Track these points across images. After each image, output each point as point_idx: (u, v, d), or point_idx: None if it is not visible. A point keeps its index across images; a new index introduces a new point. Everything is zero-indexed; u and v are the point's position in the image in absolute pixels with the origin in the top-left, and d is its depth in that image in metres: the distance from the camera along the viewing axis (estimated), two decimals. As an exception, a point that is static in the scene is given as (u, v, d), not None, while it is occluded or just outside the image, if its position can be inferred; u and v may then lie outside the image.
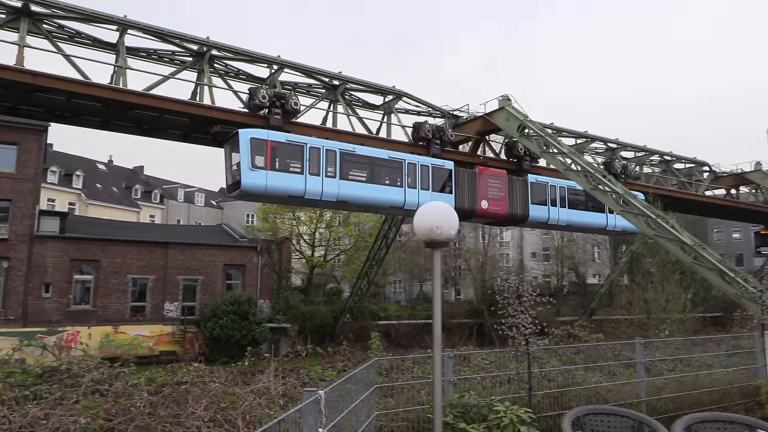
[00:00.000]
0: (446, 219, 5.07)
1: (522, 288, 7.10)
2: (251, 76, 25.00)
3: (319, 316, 37.05)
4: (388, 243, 36.52)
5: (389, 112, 28.05)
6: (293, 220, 43.86)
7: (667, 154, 37.39)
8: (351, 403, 5.49)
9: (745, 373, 10.07)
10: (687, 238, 21.71)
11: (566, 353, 9.00)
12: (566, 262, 53.27)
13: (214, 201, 69.52)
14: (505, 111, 26.91)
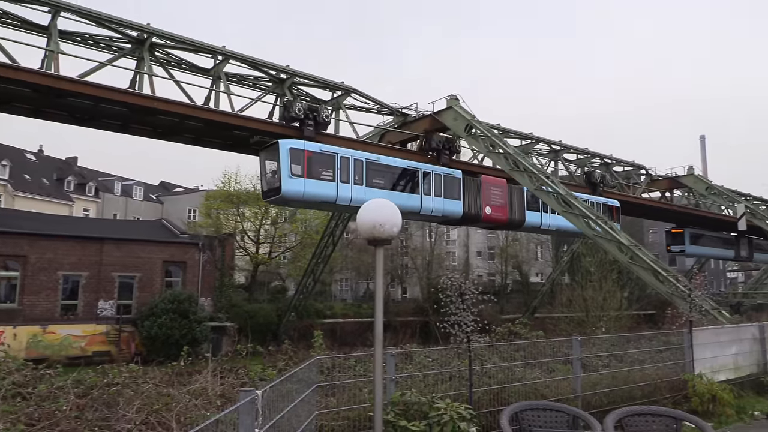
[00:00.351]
0: (389, 217, 5.09)
1: (464, 286, 7.20)
2: (194, 66, 24.34)
3: (262, 314, 36.51)
4: (335, 240, 36.37)
5: (338, 108, 27.93)
6: (237, 216, 43.02)
7: (607, 157, 38.89)
8: (291, 402, 5.44)
9: (673, 368, 10.62)
10: (624, 239, 22.70)
11: (507, 350, 9.23)
12: (510, 261, 54.62)
13: (153, 195, 67.25)
14: (453, 110, 27.32)
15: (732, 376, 11.68)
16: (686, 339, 10.85)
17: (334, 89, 27.69)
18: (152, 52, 22.58)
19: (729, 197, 40.59)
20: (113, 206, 60.92)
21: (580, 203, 23.91)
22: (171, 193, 68.71)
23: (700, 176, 42.37)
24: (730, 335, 12.31)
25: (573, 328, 23.06)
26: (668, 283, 19.87)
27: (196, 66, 24.34)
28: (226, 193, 42.48)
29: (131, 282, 32.65)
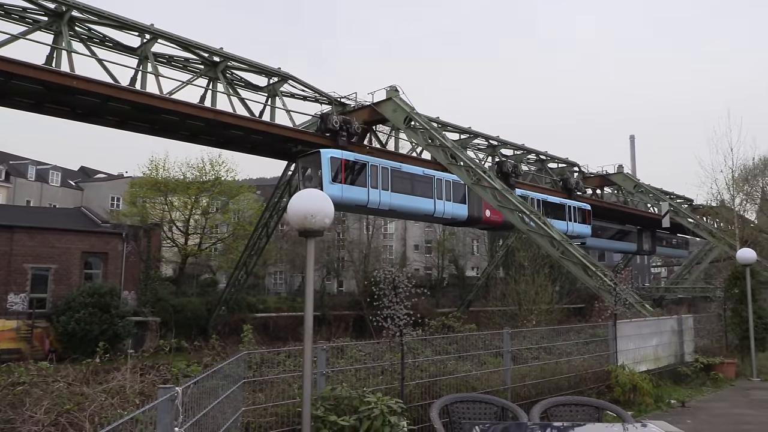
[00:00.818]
0: (321, 207, 5.06)
1: (398, 279, 7.27)
2: (119, 44, 23.26)
3: (191, 308, 35.52)
4: (269, 232, 35.83)
5: (274, 95, 27.48)
6: (165, 205, 41.52)
7: (542, 154, 40.31)
8: (216, 399, 5.32)
9: (599, 359, 11.16)
10: (556, 234, 23.61)
11: (440, 344, 9.40)
12: (447, 255, 55.63)
13: (72, 181, 63.79)
14: (392, 102, 27.45)
15: (652, 366, 12.42)
16: (611, 331, 11.42)
17: (271, 75, 27.22)
18: (72, 26, 21.38)
19: (655, 195, 43.04)
20: (26, 192, 57.33)
21: (516, 198, 24.65)
22: (92, 180, 65.36)
23: (628, 174, 44.68)
24: (651, 328, 13.07)
25: (506, 322, 23.74)
26: (596, 277, 20.85)
27: (121, 44, 23.27)
28: (152, 181, 40.86)
29: (46, 274, 30.91)
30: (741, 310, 14.96)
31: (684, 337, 14.05)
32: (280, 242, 49.86)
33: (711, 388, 12.80)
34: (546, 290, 26.41)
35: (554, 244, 23.31)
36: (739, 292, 15.17)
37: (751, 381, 13.71)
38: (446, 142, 26.20)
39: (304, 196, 5.15)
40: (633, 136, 78.33)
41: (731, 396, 12.07)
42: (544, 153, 40.38)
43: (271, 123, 26.57)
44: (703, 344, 14.96)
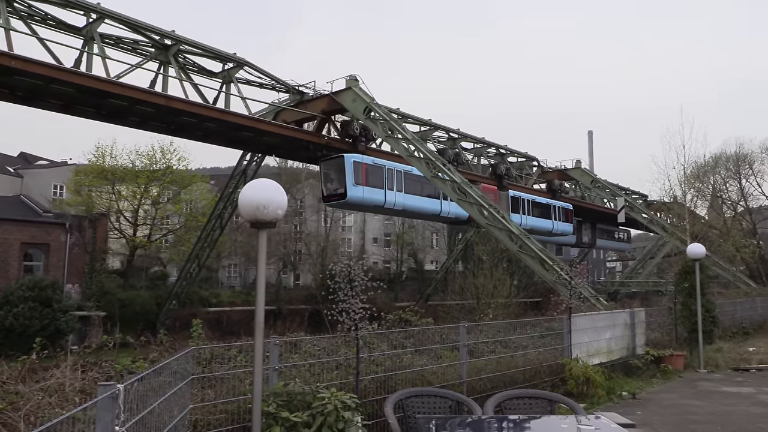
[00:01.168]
0: (274, 198, 4.99)
1: (354, 272, 7.25)
2: (63, 23, 22.35)
3: (139, 302, 34.68)
4: (222, 223, 35.29)
5: (229, 82, 26.99)
6: (112, 194, 40.26)
7: (502, 147, 40.88)
8: (162, 396, 5.19)
9: (553, 352, 11.43)
10: (514, 228, 24.03)
11: (397, 338, 9.44)
12: (406, 249, 55.96)
13: (10, 167, 61.07)
14: (351, 92, 27.33)
15: (605, 359, 12.81)
16: (565, 325, 11.71)
17: (226, 61, 26.70)
18: (11, 2, 20.42)
19: (611, 191, 44.30)
20: (-40, 179, 54.64)
21: (475, 192, 24.95)
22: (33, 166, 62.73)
23: (586, 170, 45.76)
24: (605, 321, 13.47)
25: (464, 316, 24.05)
26: (553, 271, 21.35)
27: (65, 23, 22.37)
28: (99, 169, 39.53)
29: (-19, 266, 29.63)
30: (690, 304, 15.57)
31: (636, 330, 14.53)
32: (234, 234, 49.18)
33: (661, 379, 13.30)
34: (504, 284, 26.88)
35: (512, 238, 23.73)
36: (688, 286, 15.79)
37: (699, 372, 14.31)
38: (406, 133, 26.28)
39: (256, 185, 5.06)
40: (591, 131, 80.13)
41: (680, 387, 12.57)
42: (504, 147, 40.98)
43: (226, 110, 26.09)
44: (654, 337, 15.50)
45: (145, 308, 34.74)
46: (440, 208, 32.53)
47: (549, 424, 5.71)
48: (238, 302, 40.21)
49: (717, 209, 42.09)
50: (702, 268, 15.58)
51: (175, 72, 24.65)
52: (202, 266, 36.72)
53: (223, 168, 62.40)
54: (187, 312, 33.60)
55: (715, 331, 16.55)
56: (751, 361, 15.49)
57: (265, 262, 5.64)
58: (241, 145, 30.45)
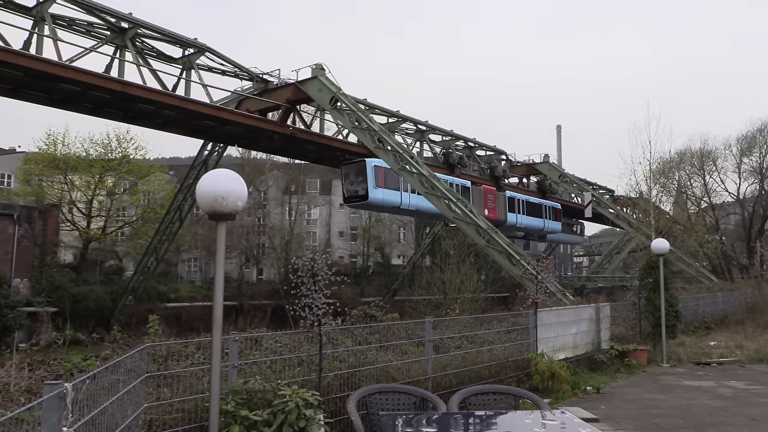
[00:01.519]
0: (233, 189, 4.90)
1: (317, 266, 7.21)
2: (11, 2, 21.56)
3: (93, 298, 33.87)
4: (182, 216, 34.73)
5: (189, 68, 26.50)
6: (64, 184, 39.11)
7: (471, 141, 41.25)
8: (114, 395, 5.08)
9: (519, 347, 11.60)
10: (482, 222, 24.28)
11: (361, 333, 9.43)
12: (373, 243, 56.00)
13: (-46, 155, 58.84)
14: (318, 81, 27.14)
15: (570, 354, 13.07)
16: (532, 320, 11.89)
17: (186, 46, 26.20)
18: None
19: (579, 185, 45.14)
20: None
21: (442, 185, 25.10)
22: None
23: (554, 164, 46.60)
24: (571, 316, 13.73)
25: (431, 311, 24.23)
26: (520, 266, 21.66)
27: (13, 2, 21.59)
28: (50, 157, 38.30)
29: None
30: (654, 299, 15.99)
31: (601, 325, 14.85)
32: (194, 227, 48.47)
33: (625, 374, 13.64)
34: (471, 279, 27.14)
35: (480, 232, 23.98)
36: (652, 281, 16.21)
37: (662, 366, 14.74)
38: (373, 125, 26.25)
39: (215, 176, 4.97)
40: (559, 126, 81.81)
41: (643, 381, 12.92)
42: (473, 140, 41.35)
43: (186, 98, 25.62)
44: (619, 332, 15.88)
45: (99, 304, 33.96)
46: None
47: (513, 419, 5.79)
48: (199, 297, 39.68)
49: (681, 205, 43.35)
50: (666, 263, 16.00)
51: (132, 57, 24.05)
52: (160, 260, 36.09)
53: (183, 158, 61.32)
54: (144, 308, 32.98)
55: (677, 326, 17.03)
56: (712, 355, 16.02)
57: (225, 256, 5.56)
58: (202, 134, 29.96)
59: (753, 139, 44.76)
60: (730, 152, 44.85)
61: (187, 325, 31.62)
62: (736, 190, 44.97)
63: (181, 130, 28.67)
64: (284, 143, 29.85)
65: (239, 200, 4.92)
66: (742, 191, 45.09)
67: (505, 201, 41.20)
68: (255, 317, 31.33)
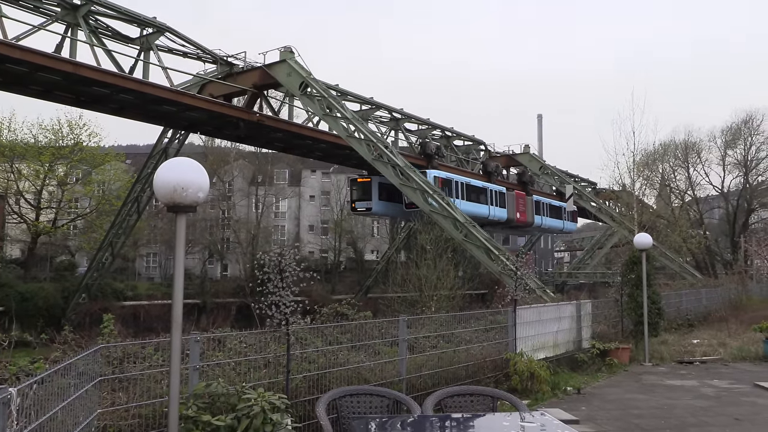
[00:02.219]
0: (194, 179, 4.82)
1: (284, 262, 7.17)
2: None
3: (43, 296, 33.21)
4: (140, 208, 34.22)
5: (147, 49, 26.05)
6: (11, 173, 38.18)
7: (448, 130, 41.43)
8: (65, 400, 4.99)
9: (497, 346, 11.72)
10: (460, 216, 24.43)
11: (332, 333, 9.41)
12: (345, 237, 55.94)
13: None
14: (287, 64, 26.93)
15: (551, 353, 13.25)
16: (510, 317, 12.01)
17: (144, 25, 25.75)
18: None
19: (560, 178, 45.71)
20: None
21: (419, 176, 25.17)
22: None
23: (534, 155, 47.06)
24: (551, 314, 13.91)
25: (406, 309, 24.27)
26: (499, 261, 21.86)
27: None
28: (-6, 144, 37.38)
29: None
30: (636, 296, 16.28)
31: (582, 323, 15.08)
32: (153, 220, 47.84)
33: (606, 373, 13.89)
34: (448, 275, 27.22)
35: (458, 226, 24.12)
36: (635, 277, 16.51)
37: (644, 366, 15.04)
38: (346, 112, 26.17)
39: (174, 165, 4.88)
40: (540, 115, 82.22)
41: (624, 381, 13.18)
42: (450, 129, 41.53)
43: (144, 81, 25.18)
44: (601, 330, 16.15)
45: (50, 302, 33.32)
46: (488, 212, 40.75)
47: (491, 422, 5.84)
48: (158, 295, 39.23)
49: (665, 198, 44.20)
50: (649, 258, 16.30)
51: (85, 36, 23.53)
52: (116, 255, 35.55)
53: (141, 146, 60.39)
54: (99, 306, 32.50)
55: (660, 323, 17.37)
56: (695, 354, 16.41)
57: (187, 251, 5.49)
58: (162, 120, 29.50)
59: (738, 131, 45.79)
60: (714, 144, 45.85)
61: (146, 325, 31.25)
62: (720, 183, 46.03)
63: (138, 115, 28.20)
64: (250, 131, 29.56)
65: (200, 191, 4.84)
66: (726, 184, 46.17)
67: (533, 204, 46.04)
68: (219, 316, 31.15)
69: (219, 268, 53.10)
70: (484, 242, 23.41)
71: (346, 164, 38.52)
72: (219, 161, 50.39)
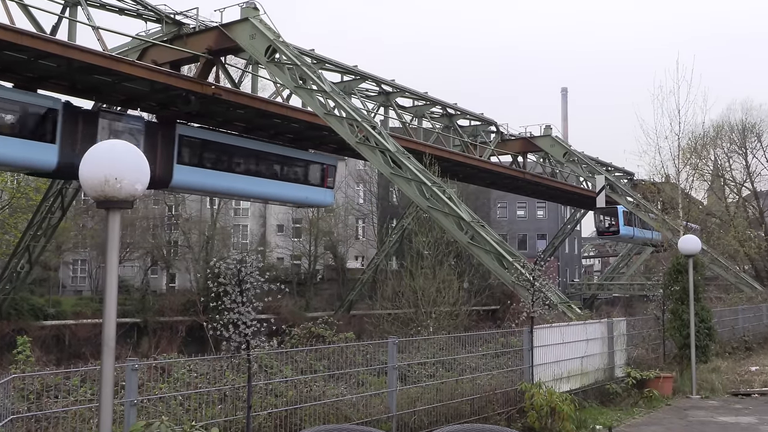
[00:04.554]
0: (131, 166, 4.81)
1: (244, 271, 7.17)
2: None
3: (-59, 313, 33.00)
4: (64, 204, 34.09)
5: (74, 4, 25.94)
6: None
7: (450, 107, 41.50)
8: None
9: (510, 375, 11.78)
10: (465, 213, 24.46)
11: (305, 359, 9.44)
12: (322, 240, 55.90)
13: None
14: (249, 24, 26.83)
15: (576, 384, 13.34)
16: (526, 339, 12.06)
17: (68, -26, 25.57)
18: None
19: (589, 166, 45.83)
20: None
21: (415, 165, 25.18)
22: None
23: (558, 138, 47.04)
24: (577, 335, 13.99)
25: (398, 329, 24.37)
26: (513, 269, 21.92)
27: None
28: None
29: None
30: (681, 312, 16.40)
31: (615, 346, 15.19)
32: (81, 218, 47.62)
33: (644, 408, 13.99)
34: (450, 287, 27.37)
35: (463, 226, 24.17)
36: (680, 290, 16.62)
37: (690, 399, 15.16)
38: (323, 84, 26.13)
39: (105, 149, 4.86)
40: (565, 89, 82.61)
41: (666, 418, 13.28)
42: (453, 106, 41.60)
43: (70, 44, 25.02)
44: (638, 354, 16.26)
45: (-51, 322, 33.12)
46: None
47: (501, 468, 5.86)
48: (87, 313, 39.08)
49: (718, 192, 44.44)
50: (697, 266, 16.43)
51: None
52: (34, 263, 35.41)
53: (67, 126, 59.84)
54: (13, 327, 32.36)
55: (711, 347, 17.52)
56: (753, 384, 16.55)
57: (123, 257, 5.47)
58: (92, 93, 29.30)
59: (810, 109, 45.96)
60: (779, 126, 45.90)
61: (72, 350, 31.16)
62: (787, 173, 46.15)
63: (63, 87, 27.97)
64: (204, 107, 29.43)
65: (138, 182, 4.84)
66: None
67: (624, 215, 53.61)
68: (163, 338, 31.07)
69: (164, 278, 52.87)
70: (495, 246, 23.44)
71: (323, 148, 38.46)
72: (165, 145, 50.22)
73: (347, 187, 59.57)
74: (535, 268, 13.43)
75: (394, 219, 54.24)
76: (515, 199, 69.46)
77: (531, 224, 78.01)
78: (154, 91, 28.30)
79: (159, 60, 27.73)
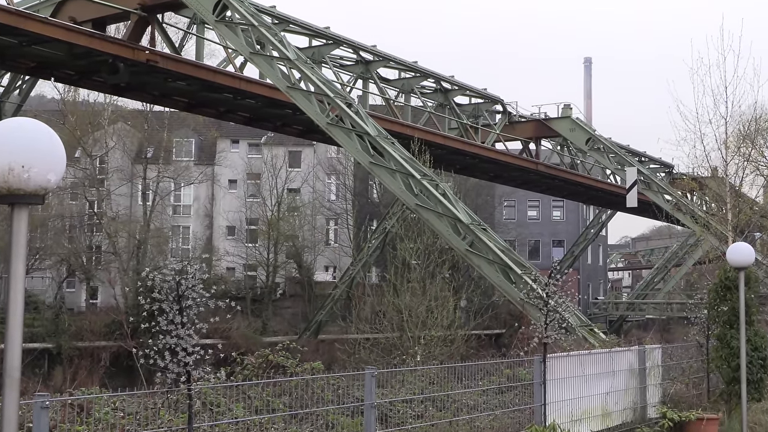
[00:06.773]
0: (41, 151, 4.79)
1: (187, 283, 7.16)
2: None
3: None
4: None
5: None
6: None
7: (446, 80, 41.41)
8: None
9: (517, 417, 11.84)
10: (463, 214, 24.51)
11: (261, 394, 9.45)
12: (284, 246, 55.76)
13: None
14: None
15: (599, 426, 13.41)
16: (537, 371, 12.10)
17: None
18: None
19: (617, 156, 45.94)
20: None
21: (398, 151, 25.19)
22: None
23: (579, 121, 46.90)
24: (600, 366, 14.06)
25: (377, 357, 24.37)
26: (522, 284, 21.97)
27: None
28: None
29: None
30: (730, 338, 16.48)
31: (648, 379, 15.28)
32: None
33: (683, 458, 14.11)
34: (444, 306, 27.41)
35: (460, 229, 24.22)
36: (728, 311, 16.69)
37: (740, 445, 15.29)
38: (287, 50, 26.11)
39: (10, 129, 4.83)
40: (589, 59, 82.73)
41: (711, 469, 13.39)
42: (450, 79, 41.47)
43: None
44: (676, 390, 16.36)
45: None
46: None
47: None
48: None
49: (776, 189, 44.73)
50: (750, 281, 16.51)
51: None
52: None
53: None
54: None
55: (766, 381, 17.64)
56: (817, 427, 16.69)
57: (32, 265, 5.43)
58: None
59: None
60: None
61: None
62: None
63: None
64: (136, 77, 29.33)
65: (52, 171, 4.81)
66: None
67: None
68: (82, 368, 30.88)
69: (84, 293, 52.58)
70: (500, 255, 23.51)
71: (286, 131, 38.38)
72: (85, 124, 49.87)
73: (315, 180, 59.48)
74: (550, 282, 13.47)
75: (374, 220, 54.33)
76: (525, 196, 69.57)
77: (545, 228, 77.87)
78: (73, 57, 28.13)
79: (79, 17, 27.59)
